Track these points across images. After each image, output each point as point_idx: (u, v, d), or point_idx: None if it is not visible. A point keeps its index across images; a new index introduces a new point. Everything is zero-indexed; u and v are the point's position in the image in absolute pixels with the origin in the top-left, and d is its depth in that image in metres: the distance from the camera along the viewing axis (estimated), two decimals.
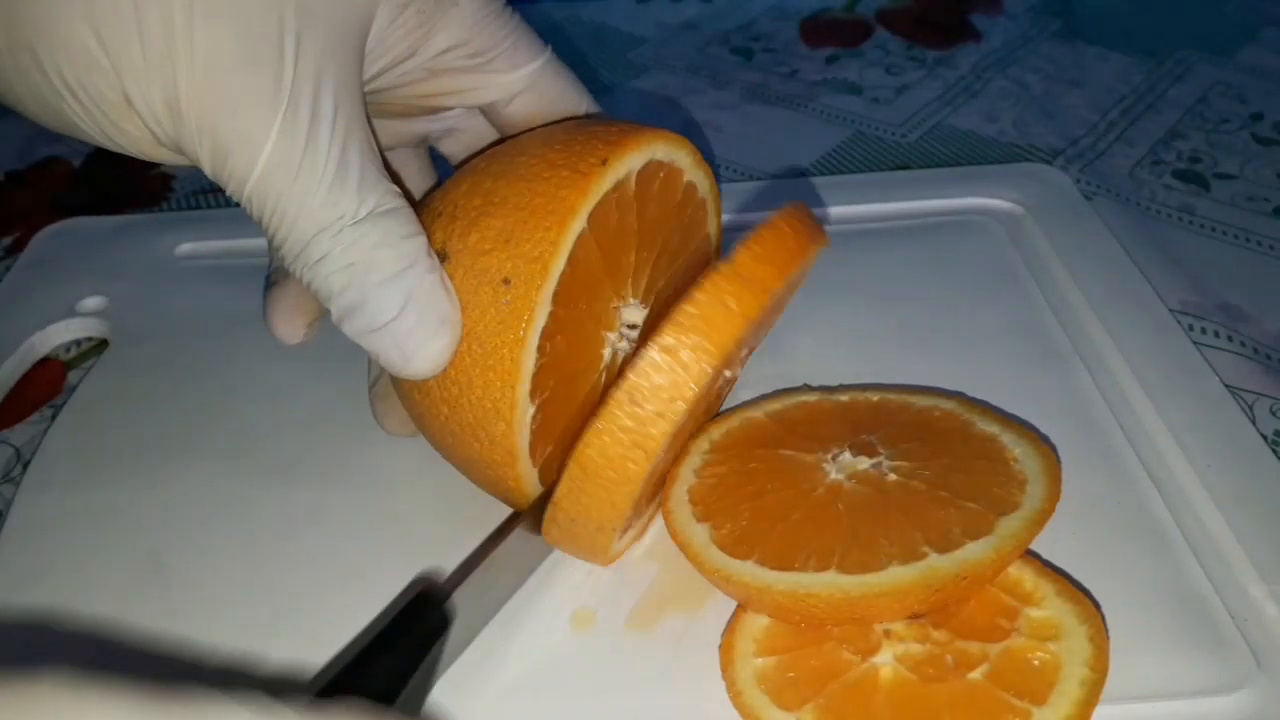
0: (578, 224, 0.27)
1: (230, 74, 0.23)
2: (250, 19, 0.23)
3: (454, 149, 0.34)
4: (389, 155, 0.34)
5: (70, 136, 0.25)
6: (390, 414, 0.34)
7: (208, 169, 0.24)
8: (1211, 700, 0.28)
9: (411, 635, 0.26)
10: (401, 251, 0.26)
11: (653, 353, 0.25)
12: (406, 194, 0.28)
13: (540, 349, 0.27)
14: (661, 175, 0.30)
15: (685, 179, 0.31)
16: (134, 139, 0.25)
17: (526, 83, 0.31)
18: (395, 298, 0.26)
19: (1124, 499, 0.33)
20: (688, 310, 0.26)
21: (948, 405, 0.33)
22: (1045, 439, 0.32)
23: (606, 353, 0.30)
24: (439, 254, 0.27)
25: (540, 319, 0.27)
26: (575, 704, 0.28)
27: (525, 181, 0.27)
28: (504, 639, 0.30)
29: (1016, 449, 0.31)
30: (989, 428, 0.32)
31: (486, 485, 0.30)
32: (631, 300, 0.31)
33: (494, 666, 0.29)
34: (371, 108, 0.29)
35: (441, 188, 0.30)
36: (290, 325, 0.33)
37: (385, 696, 0.24)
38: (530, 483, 0.29)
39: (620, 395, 0.26)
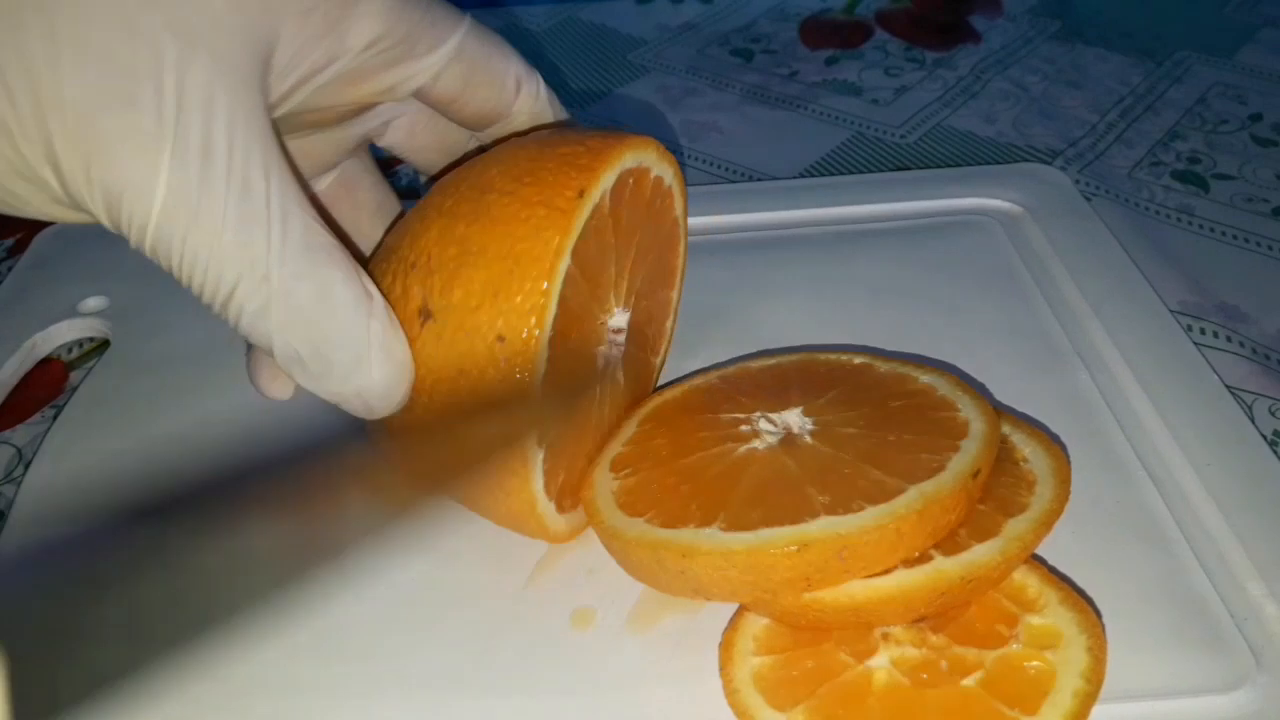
0: (564, 266, 0.26)
1: (106, 117, 0.22)
2: (121, 57, 0.22)
3: (395, 139, 0.33)
4: (338, 171, 0.33)
5: None
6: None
7: (106, 221, 0.24)
8: (1211, 699, 0.28)
9: None
10: (344, 298, 0.25)
11: (885, 523, 0.26)
12: (344, 238, 0.27)
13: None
14: (631, 181, 0.29)
15: (652, 175, 0.31)
16: (32, 203, 0.24)
17: (451, 57, 0.29)
18: (347, 350, 0.25)
19: (1124, 499, 0.33)
20: (938, 523, 0.27)
21: None
22: (1056, 438, 0.32)
23: (599, 365, 0.30)
24: (421, 311, 0.27)
25: (540, 368, 0.26)
26: (575, 703, 0.28)
27: (502, 225, 0.26)
28: (504, 639, 0.30)
29: (1026, 448, 0.30)
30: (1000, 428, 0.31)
31: (507, 526, 0.31)
32: (615, 310, 0.31)
33: (494, 666, 0.29)
34: (301, 120, 0.28)
35: (404, 229, 0.29)
36: (278, 382, 0.32)
37: None
38: (550, 517, 0.29)
39: (831, 550, 0.26)
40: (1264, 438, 0.35)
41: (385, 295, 0.27)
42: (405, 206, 0.36)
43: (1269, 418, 0.38)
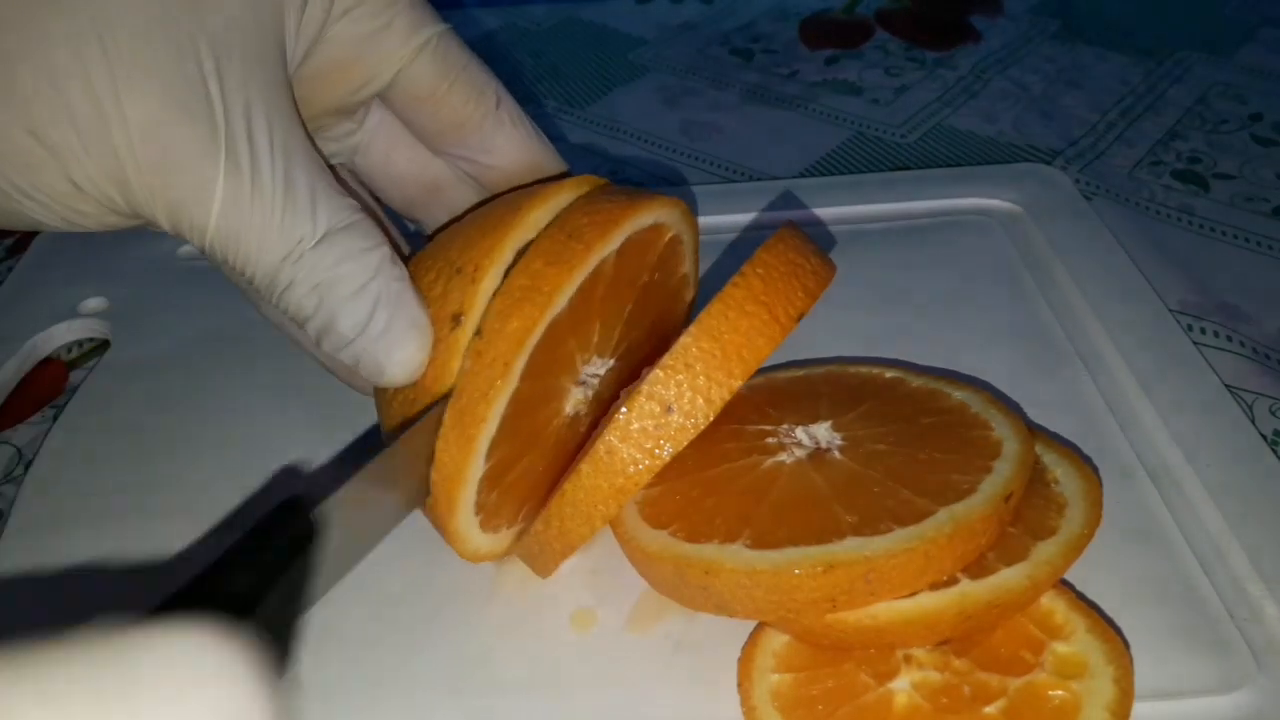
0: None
1: (166, 132, 0.23)
2: (170, 72, 0.23)
3: (371, 163, 0.33)
4: None
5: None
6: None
7: (167, 227, 0.25)
8: (1211, 700, 0.28)
9: (274, 543, 0.23)
10: (364, 264, 0.26)
11: (913, 546, 0.25)
12: (367, 208, 0.28)
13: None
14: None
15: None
16: (94, 218, 0.25)
17: (425, 45, 0.30)
18: (363, 307, 0.26)
19: (1124, 499, 0.33)
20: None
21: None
22: (1088, 459, 0.31)
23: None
24: (455, 317, 0.27)
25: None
26: (575, 704, 0.28)
27: (720, 304, 0.27)
28: (504, 639, 0.30)
29: (1058, 469, 0.30)
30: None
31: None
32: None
33: (494, 666, 0.29)
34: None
35: (446, 241, 0.29)
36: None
37: (242, 606, 0.22)
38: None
39: (857, 572, 0.25)
40: (1264, 438, 0.35)
41: (425, 291, 0.28)
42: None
43: (1269, 418, 0.38)
